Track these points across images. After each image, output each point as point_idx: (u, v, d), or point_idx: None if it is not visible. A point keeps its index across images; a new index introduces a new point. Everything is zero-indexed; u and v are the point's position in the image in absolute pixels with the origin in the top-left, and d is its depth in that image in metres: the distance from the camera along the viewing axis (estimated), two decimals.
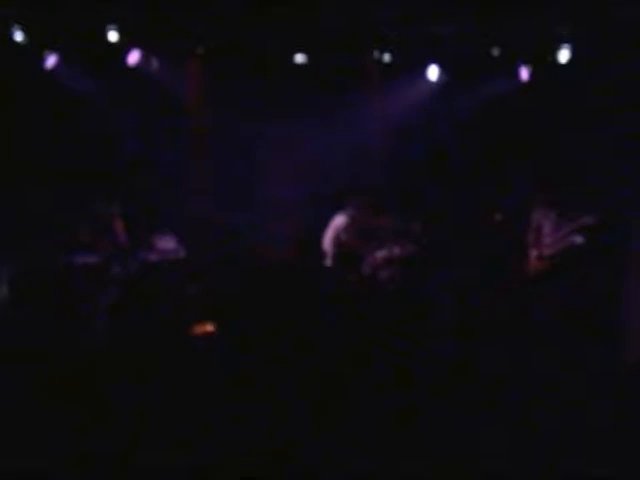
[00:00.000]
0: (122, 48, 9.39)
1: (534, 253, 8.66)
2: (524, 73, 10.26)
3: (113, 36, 9.11)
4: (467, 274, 8.94)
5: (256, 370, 6.99)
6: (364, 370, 6.93)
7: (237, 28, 9.36)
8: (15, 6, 8.59)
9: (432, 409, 5.99)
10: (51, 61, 9.36)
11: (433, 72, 10.32)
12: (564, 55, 9.71)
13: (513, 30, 9.46)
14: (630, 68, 9.41)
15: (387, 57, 10.10)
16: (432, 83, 10.42)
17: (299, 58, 9.95)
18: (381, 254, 8.82)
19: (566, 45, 9.64)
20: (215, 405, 6.15)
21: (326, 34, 9.65)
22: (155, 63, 9.84)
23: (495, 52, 9.87)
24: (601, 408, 5.81)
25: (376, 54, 10.07)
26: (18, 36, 8.88)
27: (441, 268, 9.02)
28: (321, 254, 9.00)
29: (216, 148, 10.21)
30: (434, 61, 10.24)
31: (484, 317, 8.32)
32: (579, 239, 8.45)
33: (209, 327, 8.45)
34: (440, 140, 10.31)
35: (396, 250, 8.83)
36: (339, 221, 8.89)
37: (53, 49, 9.31)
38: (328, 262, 8.89)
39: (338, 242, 8.84)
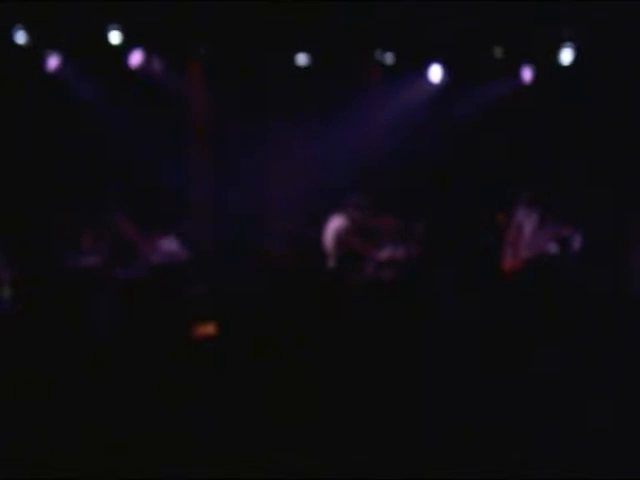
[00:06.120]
0: (124, 50, 9.40)
1: (510, 251, 8.67)
2: (527, 74, 10.25)
3: (115, 38, 9.11)
4: (470, 274, 8.95)
5: (258, 371, 6.99)
6: (367, 371, 6.92)
7: (239, 29, 9.36)
8: (17, 7, 8.58)
9: (437, 408, 5.98)
10: (53, 63, 9.36)
11: (435, 73, 10.32)
12: (567, 56, 9.71)
13: (516, 30, 9.46)
14: (633, 69, 9.42)
15: (389, 58, 10.10)
16: (434, 84, 10.41)
17: (301, 59, 9.95)
18: (384, 254, 8.81)
19: (569, 46, 9.63)
20: (217, 406, 6.14)
21: (328, 35, 9.65)
22: (157, 64, 9.84)
23: (498, 53, 9.87)
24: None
25: (378, 55, 10.06)
26: (20, 37, 8.88)
27: (444, 268, 9.01)
28: (323, 254, 8.98)
29: (218, 149, 10.21)
30: (436, 62, 10.24)
31: (488, 316, 8.32)
32: (554, 248, 8.48)
33: (210, 328, 8.45)
34: (442, 141, 10.30)
35: (399, 251, 8.82)
36: (338, 222, 8.85)
37: (55, 50, 9.31)
38: (331, 263, 8.88)
39: (339, 243, 8.81)
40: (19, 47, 8.93)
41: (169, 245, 8.87)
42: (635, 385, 6.29)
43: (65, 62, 9.41)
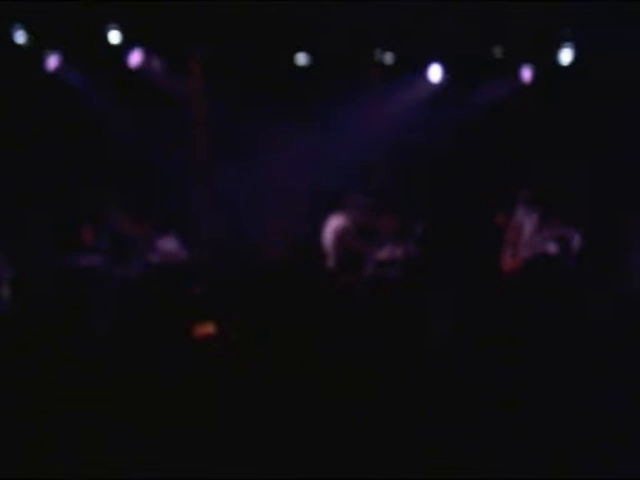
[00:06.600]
0: (124, 49, 9.40)
1: (510, 251, 8.69)
2: (526, 74, 10.26)
3: (115, 38, 9.12)
4: (470, 274, 8.94)
5: (257, 371, 6.98)
6: (367, 371, 6.92)
7: (238, 29, 9.36)
8: (17, 7, 8.58)
9: (438, 408, 5.98)
10: (53, 62, 9.36)
11: (435, 73, 10.32)
12: (567, 56, 9.71)
13: (516, 30, 9.46)
14: (633, 69, 9.42)
15: (388, 58, 10.10)
16: (433, 84, 10.42)
17: (301, 59, 9.95)
18: (384, 254, 8.81)
19: (569, 45, 9.63)
20: (216, 406, 6.14)
21: (328, 35, 9.66)
22: (157, 64, 9.85)
23: (497, 53, 9.87)
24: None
25: (377, 55, 10.07)
26: (20, 37, 8.88)
27: (443, 269, 9.01)
28: (323, 254, 8.98)
29: (218, 149, 10.22)
30: (435, 62, 10.24)
31: (486, 318, 8.31)
32: (554, 248, 8.48)
33: (210, 328, 8.44)
34: (441, 141, 10.30)
35: (399, 250, 8.82)
36: (338, 222, 8.85)
37: (55, 50, 9.32)
38: (331, 263, 8.88)
39: (339, 243, 8.81)
40: (19, 47, 8.94)
41: (168, 245, 8.88)
42: (635, 385, 6.29)
43: (65, 62, 9.42)
